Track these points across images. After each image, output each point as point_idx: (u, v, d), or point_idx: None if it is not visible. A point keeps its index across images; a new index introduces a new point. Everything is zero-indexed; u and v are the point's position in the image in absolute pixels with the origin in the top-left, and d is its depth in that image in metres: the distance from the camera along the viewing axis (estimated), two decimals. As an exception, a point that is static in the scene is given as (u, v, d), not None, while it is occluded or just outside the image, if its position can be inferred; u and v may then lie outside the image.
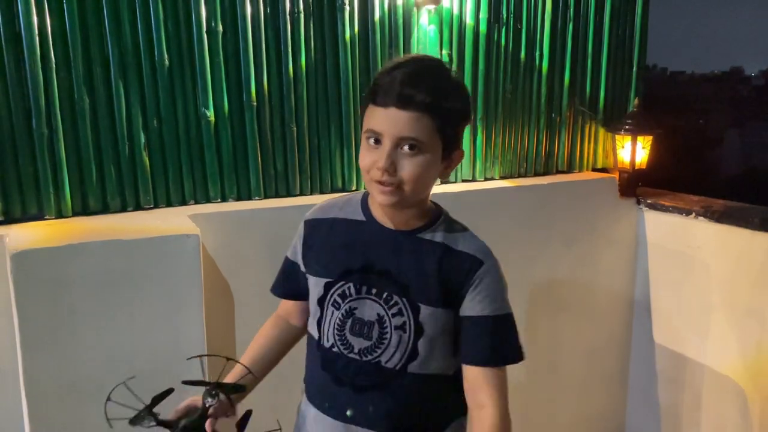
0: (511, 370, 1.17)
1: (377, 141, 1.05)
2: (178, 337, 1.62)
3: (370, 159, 1.06)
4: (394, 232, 1.14)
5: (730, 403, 2.26)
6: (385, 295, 1.12)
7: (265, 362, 1.26)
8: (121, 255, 1.53)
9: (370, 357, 1.13)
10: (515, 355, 1.13)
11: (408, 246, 1.13)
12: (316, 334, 1.20)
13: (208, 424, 1.06)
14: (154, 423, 1.03)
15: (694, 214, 2.34)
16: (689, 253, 2.38)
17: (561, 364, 2.51)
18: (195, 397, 1.09)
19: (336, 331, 1.15)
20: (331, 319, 1.16)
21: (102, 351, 1.53)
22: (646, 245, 2.54)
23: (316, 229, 1.21)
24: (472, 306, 1.11)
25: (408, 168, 1.04)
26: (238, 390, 1.11)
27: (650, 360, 2.58)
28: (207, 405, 1.06)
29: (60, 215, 1.69)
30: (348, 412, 1.16)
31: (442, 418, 1.20)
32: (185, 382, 1.08)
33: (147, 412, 1.03)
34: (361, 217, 1.17)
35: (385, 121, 1.03)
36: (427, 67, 1.09)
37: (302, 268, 1.22)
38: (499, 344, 1.12)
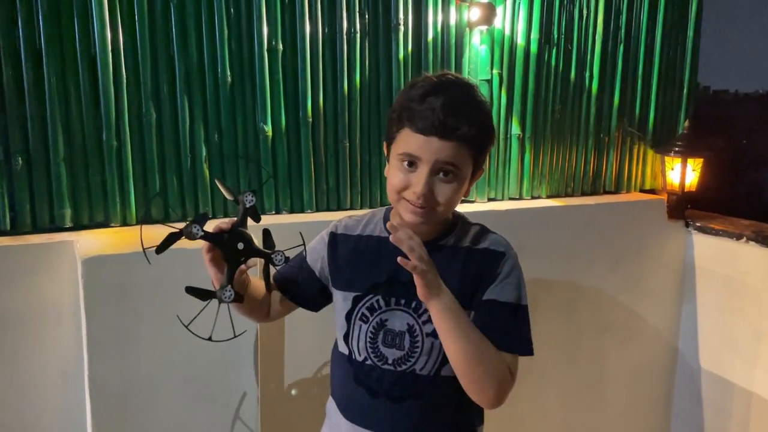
0: (554, 388, 1.17)
1: (412, 164, 1.08)
2: (233, 342, 1.66)
3: (402, 180, 1.09)
4: None
5: (779, 433, 2.22)
6: (414, 304, 1.15)
7: (256, 292, 1.26)
8: (182, 262, 1.59)
9: (404, 366, 1.16)
10: (524, 346, 1.15)
11: (431, 254, 1.14)
12: (345, 350, 1.23)
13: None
14: (201, 233, 1.00)
15: (744, 238, 2.31)
16: (738, 278, 2.34)
17: (604, 386, 2.49)
18: (224, 219, 1.05)
19: (369, 344, 1.18)
20: (359, 333, 1.19)
21: (162, 357, 1.59)
22: (694, 269, 2.51)
23: (342, 245, 1.24)
24: (496, 291, 1.14)
25: (444, 193, 1.09)
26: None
27: (695, 385, 2.54)
28: (247, 204, 1.05)
29: (125, 223, 1.76)
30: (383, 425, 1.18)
31: (465, 426, 1.23)
32: (217, 181, 1.10)
33: (191, 227, 0.99)
34: (384, 233, 1.20)
35: (426, 148, 1.06)
36: (462, 94, 1.10)
37: (323, 279, 1.25)
38: (511, 332, 1.14)
